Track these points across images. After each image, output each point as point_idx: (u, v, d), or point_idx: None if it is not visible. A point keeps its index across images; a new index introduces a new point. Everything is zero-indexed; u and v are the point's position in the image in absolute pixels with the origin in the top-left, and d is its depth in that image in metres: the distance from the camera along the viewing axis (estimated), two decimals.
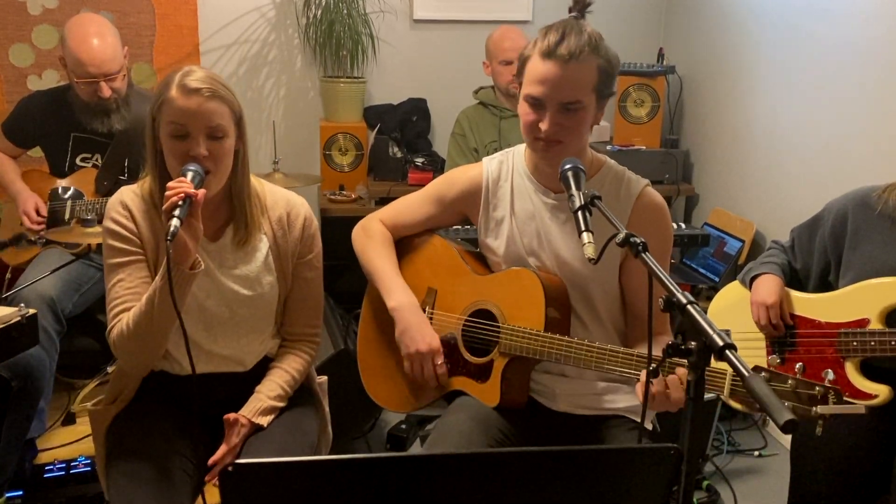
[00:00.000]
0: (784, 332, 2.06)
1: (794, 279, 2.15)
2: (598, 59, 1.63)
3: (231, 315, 1.76)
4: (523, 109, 1.68)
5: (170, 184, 1.54)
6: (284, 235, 1.80)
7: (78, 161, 2.80)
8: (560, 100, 1.62)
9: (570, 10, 1.70)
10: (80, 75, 2.61)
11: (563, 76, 1.61)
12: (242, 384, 1.80)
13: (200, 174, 1.58)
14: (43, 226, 2.74)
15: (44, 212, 2.74)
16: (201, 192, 1.55)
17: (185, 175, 1.56)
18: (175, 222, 1.48)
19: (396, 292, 1.85)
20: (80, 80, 2.62)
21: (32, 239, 2.74)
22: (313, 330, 1.90)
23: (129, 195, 1.74)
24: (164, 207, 1.51)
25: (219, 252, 1.75)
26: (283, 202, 1.82)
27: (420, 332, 1.80)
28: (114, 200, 1.74)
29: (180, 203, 1.50)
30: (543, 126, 1.64)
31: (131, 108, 2.72)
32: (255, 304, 1.78)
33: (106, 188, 2.77)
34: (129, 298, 1.66)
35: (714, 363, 1.13)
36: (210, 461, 1.66)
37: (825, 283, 2.09)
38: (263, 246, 1.78)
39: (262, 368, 1.83)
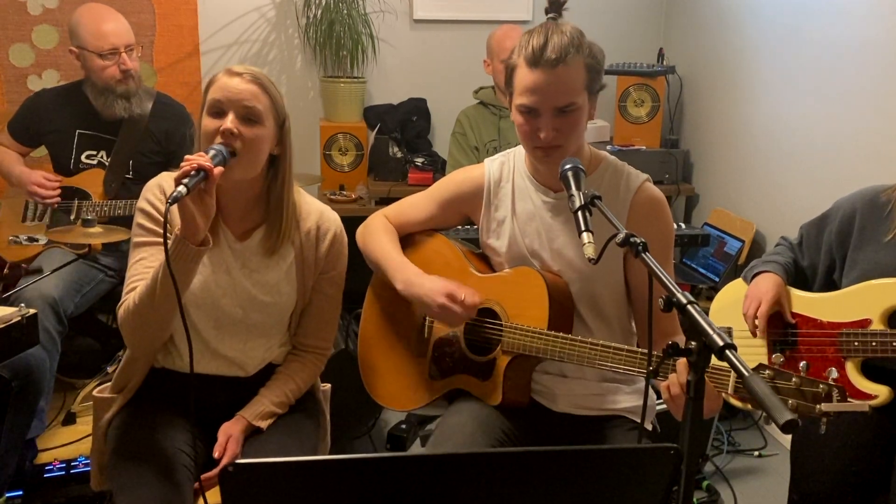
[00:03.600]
0: (762, 334, 2.05)
1: (801, 277, 2.14)
2: (583, 57, 1.62)
3: (243, 317, 1.75)
4: (518, 119, 1.67)
5: (187, 156, 1.52)
6: (312, 248, 1.79)
7: (83, 158, 2.80)
8: (554, 105, 1.62)
9: (547, 13, 1.69)
10: (105, 50, 2.65)
11: (552, 82, 1.60)
12: (243, 390, 1.79)
13: (223, 154, 1.57)
14: (58, 192, 2.73)
15: (54, 178, 2.74)
16: (218, 168, 1.53)
17: (207, 153, 1.55)
18: (181, 189, 1.45)
19: (400, 272, 1.83)
20: (105, 54, 2.65)
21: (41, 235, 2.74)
22: (325, 344, 1.89)
23: (168, 180, 1.73)
24: (175, 176, 1.50)
25: (243, 253, 1.75)
26: (316, 215, 1.81)
27: (434, 290, 1.74)
28: (152, 183, 1.74)
29: (192, 173, 1.49)
30: (542, 134, 1.63)
31: (143, 101, 2.74)
32: (269, 311, 1.77)
33: (114, 190, 2.78)
34: (145, 276, 1.64)
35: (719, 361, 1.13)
36: (207, 475, 1.66)
37: (830, 282, 2.09)
38: (289, 255, 1.78)
39: (264, 375, 1.83)
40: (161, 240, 1.67)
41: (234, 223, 1.75)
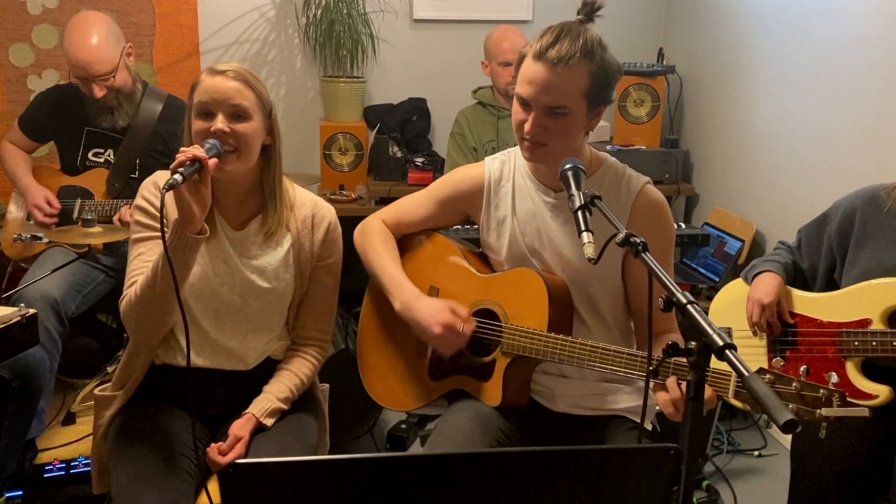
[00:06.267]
0: (777, 333, 2.06)
1: (800, 279, 2.14)
2: (590, 65, 1.61)
3: (242, 305, 1.77)
4: (514, 107, 1.69)
5: (182, 148, 1.57)
6: (308, 235, 1.83)
7: (90, 156, 2.81)
8: (545, 103, 1.62)
9: (578, 13, 1.69)
10: (76, 75, 2.66)
11: (548, 79, 1.60)
12: (243, 384, 1.80)
13: (217, 148, 1.62)
14: (55, 219, 2.74)
15: (56, 204, 2.75)
16: (212, 160, 1.58)
17: (202, 146, 1.60)
18: (176, 177, 1.51)
19: (399, 291, 1.84)
20: (77, 80, 2.66)
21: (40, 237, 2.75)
22: (324, 335, 1.91)
23: (164, 176, 1.75)
24: (171, 166, 1.54)
25: (242, 241, 1.78)
26: (311, 204, 1.86)
27: (432, 317, 1.75)
28: (148, 181, 1.78)
29: (187, 163, 1.53)
30: (526, 126, 1.65)
31: (139, 106, 2.74)
32: (268, 298, 1.79)
33: (117, 189, 2.78)
34: (144, 271, 1.67)
35: (718, 365, 1.13)
36: (217, 448, 1.66)
37: (831, 282, 2.09)
38: (286, 242, 1.81)
39: (264, 370, 1.83)
40: (159, 234, 1.70)
41: (230, 214, 1.78)
